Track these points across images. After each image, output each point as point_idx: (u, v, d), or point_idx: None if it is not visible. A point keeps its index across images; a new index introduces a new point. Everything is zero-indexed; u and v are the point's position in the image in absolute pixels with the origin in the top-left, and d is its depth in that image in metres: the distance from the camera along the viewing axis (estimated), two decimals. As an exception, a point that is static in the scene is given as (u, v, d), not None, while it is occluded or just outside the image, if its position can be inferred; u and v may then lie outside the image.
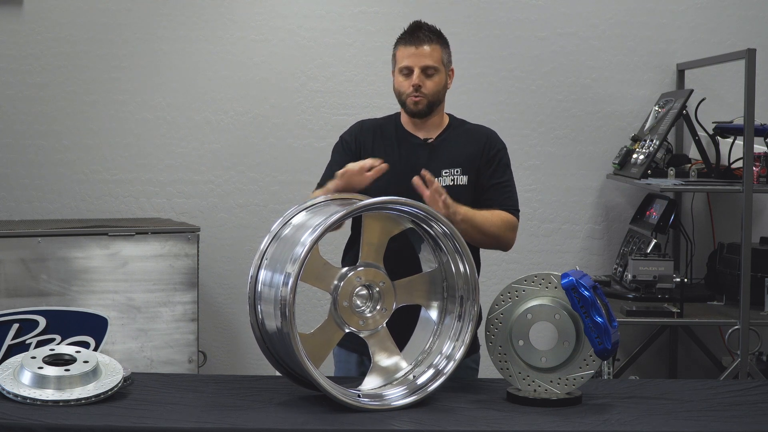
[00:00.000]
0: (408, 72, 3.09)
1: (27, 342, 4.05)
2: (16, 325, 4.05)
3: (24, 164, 4.78)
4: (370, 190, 2.93)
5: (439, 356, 2.75)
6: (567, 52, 4.89)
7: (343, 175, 2.89)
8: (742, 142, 4.23)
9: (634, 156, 4.58)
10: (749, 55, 4.11)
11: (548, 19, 4.88)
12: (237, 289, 4.76)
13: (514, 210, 3.13)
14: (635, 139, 4.72)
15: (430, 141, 3.14)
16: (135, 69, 4.79)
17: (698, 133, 4.50)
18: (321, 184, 3.10)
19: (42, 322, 4.07)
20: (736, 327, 4.16)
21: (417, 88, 3.07)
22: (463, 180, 3.10)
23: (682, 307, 4.16)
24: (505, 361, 2.73)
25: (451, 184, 3.08)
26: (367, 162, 2.90)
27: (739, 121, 4.29)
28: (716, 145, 4.47)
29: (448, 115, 3.23)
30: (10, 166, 4.78)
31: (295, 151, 4.85)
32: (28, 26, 4.75)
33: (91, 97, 4.79)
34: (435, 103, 3.12)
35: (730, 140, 4.41)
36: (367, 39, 4.83)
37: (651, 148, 4.45)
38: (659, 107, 4.69)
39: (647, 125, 4.70)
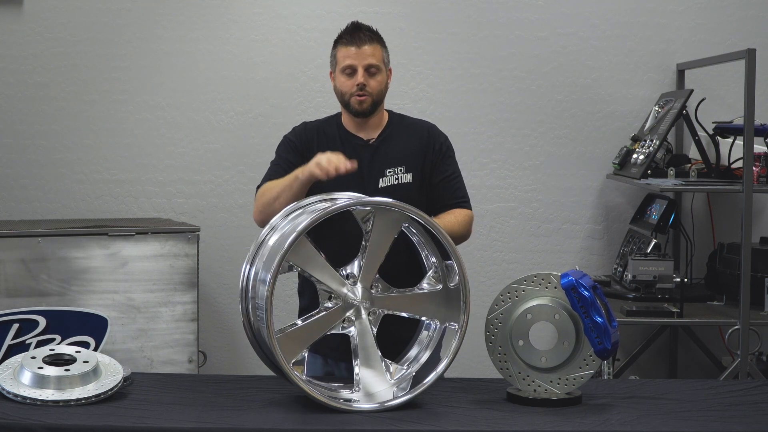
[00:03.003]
0: (351, 71, 3.11)
1: (27, 342, 4.05)
2: (16, 325, 4.05)
3: (24, 164, 4.78)
4: (317, 192, 2.94)
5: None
6: (567, 52, 4.89)
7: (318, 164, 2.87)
8: (742, 142, 4.23)
9: (634, 156, 4.58)
10: (749, 55, 4.11)
11: (548, 19, 4.88)
12: (237, 289, 4.72)
13: (465, 202, 3.18)
14: (635, 139, 4.72)
15: (371, 142, 3.15)
16: (135, 69, 4.79)
17: (698, 133, 4.50)
18: (266, 180, 3.12)
19: (42, 322, 4.07)
20: (736, 327, 4.16)
21: (362, 87, 3.08)
22: (407, 178, 3.12)
23: (682, 307, 4.16)
24: (505, 361, 2.73)
25: (396, 183, 3.11)
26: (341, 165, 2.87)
27: (739, 121, 4.29)
28: (716, 145, 4.47)
29: (387, 111, 3.24)
30: (10, 166, 4.78)
31: (295, 151, 4.84)
32: (28, 26, 4.75)
33: (91, 97, 4.79)
34: (378, 102, 3.14)
35: (730, 140, 4.41)
36: (367, 39, 4.83)
37: (651, 148, 4.45)
38: (659, 107, 4.69)
39: (647, 125, 4.70)
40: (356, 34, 3.14)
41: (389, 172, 3.11)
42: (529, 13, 4.88)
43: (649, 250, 4.43)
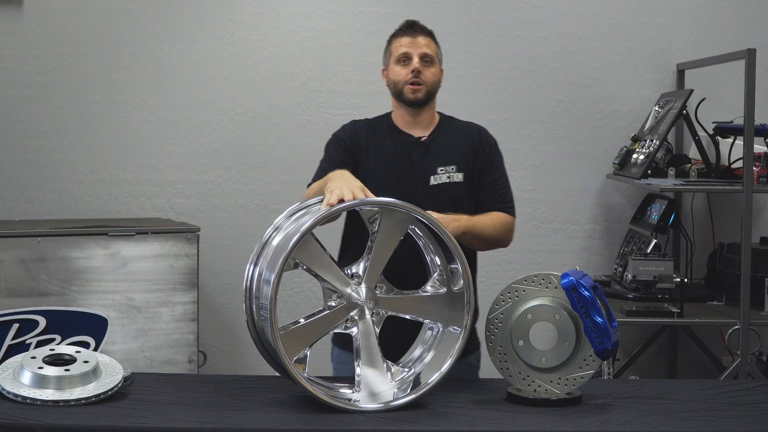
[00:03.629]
0: (406, 59, 3.12)
1: (27, 342, 4.05)
2: (16, 325, 4.05)
3: (24, 164, 4.78)
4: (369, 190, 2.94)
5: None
6: (567, 52, 4.89)
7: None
8: (742, 142, 4.23)
9: (634, 156, 4.58)
10: (749, 55, 4.11)
11: (548, 19, 4.88)
12: (237, 289, 4.73)
13: (510, 208, 3.17)
14: (635, 139, 4.72)
15: (423, 139, 3.15)
16: (135, 69, 4.79)
17: (698, 133, 4.50)
18: (314, 180, 3.10)
19: (42, 322, 4.07)
20: (736, 327, 4.16)
21: (416, 73, 3.09)
22: (458, 177, 3.12)
23: (682, 307, 4.16)
24: (505, 361, 2.73)
25: (448, 181, 3.10)
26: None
27: (739, 121, 4.29)
28: (716, 145, 4.47)
29: (438, 113, 3.24)
30: (10, 166, 4.78)
31: (295, 151, 4.85)
32: (28, 26, 4.75)
33: (91, 97, 4.79)
34: (431, 94, 3.15)
35: (730, 140, 4.41)
36: (367, 39, 4.83)
37: (651, 148, 4.45)
38: (659, 107, 4.69)
39: (647, 125, 4.70)
40: (412, 27, 3.19)
41: (441, 170, 3.11)
42: (529, 13, 4.88)
43: (649, 250, 4.43)
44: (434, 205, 3.00)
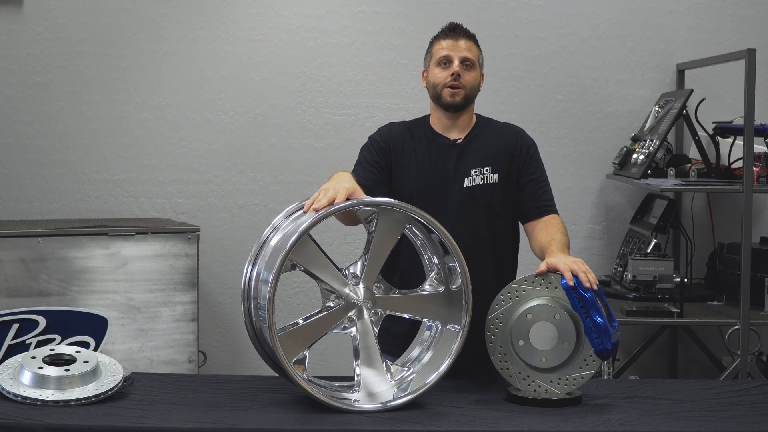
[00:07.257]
0: (446, 62, 3.08)
1: (27, 342, 4.05)
2: (16, 325, 4.05)
3: (24, 164, 4.78)
4: (401, 193, 2.96)
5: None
6: (567, 52, 4.89)
7: None
8: (742, 142, 4.23)
9: (634, 156, 4.58)
10: (749, 55, 4.11)
11: (548, 19, 4.88)
12: (237, 289, 4.69)
13: (552, 206, 3.13)
14: (635, 139, 4.72)
15: (458, 141, 3.12)
16: (135, 69, 4.80)
17: (698, 133, 4.50)
18: None
19: (42, 322, 4.07)
20: (736, 327, 4.16)
21: (456, 76, 3.05)
22: (493, 178, 3.08)
23: (682, 307, 4.16)
24: (505, 361, 2.73)
25: (481, 182, 3.07)
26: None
27: (739, 121, 4.29)
28: (716, 145, 4.48)
29: (476, 114, 3.22)
30: (10, 166, 4.78)
31: (295, 151, 4.85)
32: (28, 26, 4.75)
33: (91, 97, 4.79)
34: (470, 98, 3.11)
35: (730, 140, 4.41)
36: (367, 39, 4.84)
37: (651, 148, 4.45)
38: (659, 107, 4.69)
39: (647, 125, 4.70)
40: (454, 29, 3.14)
41: (475, 171, 3.08)
42: (529, 13, 4.88)
43: (649, 250, 4.43)
44: (468, 208, 3.00)
